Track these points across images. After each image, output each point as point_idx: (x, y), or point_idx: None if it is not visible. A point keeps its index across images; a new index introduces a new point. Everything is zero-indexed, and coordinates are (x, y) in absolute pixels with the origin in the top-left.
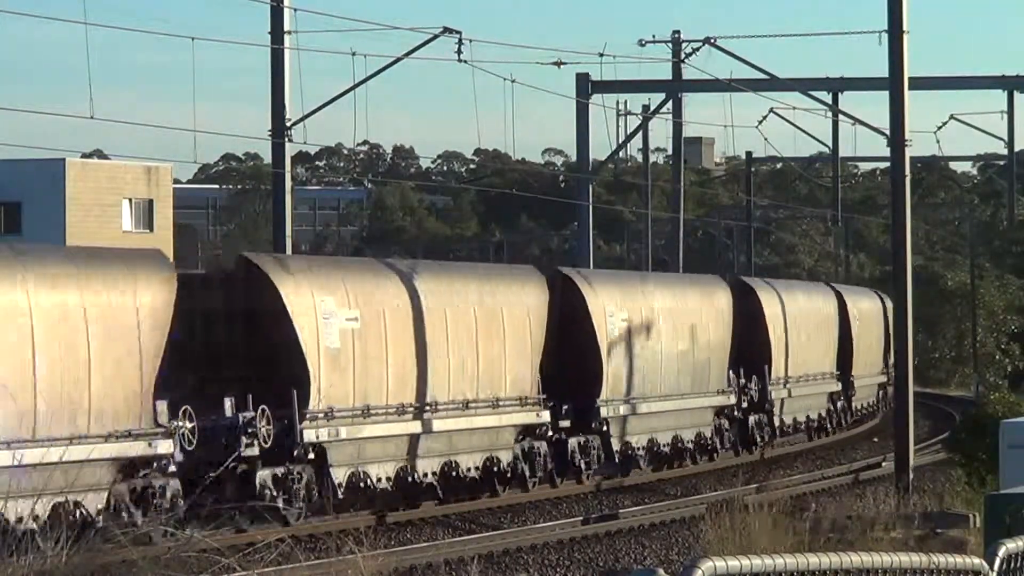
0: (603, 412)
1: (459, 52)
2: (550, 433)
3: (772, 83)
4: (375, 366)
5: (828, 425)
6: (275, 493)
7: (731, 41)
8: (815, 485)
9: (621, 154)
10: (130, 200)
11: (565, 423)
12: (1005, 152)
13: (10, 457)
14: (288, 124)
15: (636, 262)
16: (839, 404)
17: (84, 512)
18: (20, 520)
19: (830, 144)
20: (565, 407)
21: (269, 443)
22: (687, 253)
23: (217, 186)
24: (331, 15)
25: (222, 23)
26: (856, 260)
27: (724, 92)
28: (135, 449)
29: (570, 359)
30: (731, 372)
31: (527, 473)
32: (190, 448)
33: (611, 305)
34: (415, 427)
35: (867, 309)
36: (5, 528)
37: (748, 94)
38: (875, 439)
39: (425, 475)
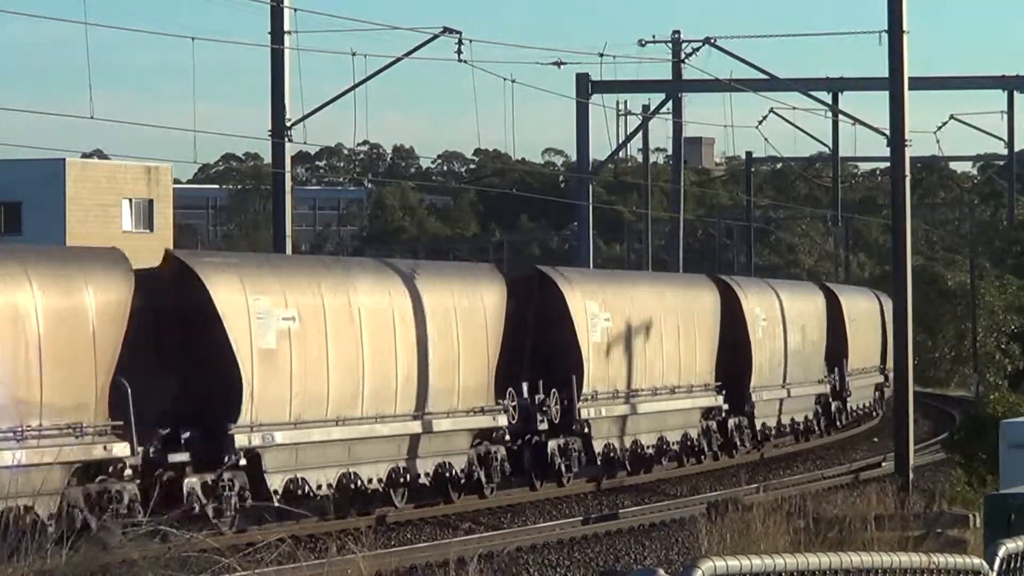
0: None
1: (459, 52)
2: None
3: (772, 83)
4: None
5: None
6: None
7: (731, 41)
8: (815, 485)
9: (621, 154)
10: (130, 200)
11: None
12: (1005, 152)
13: None
14: (288, 124)
15: (636, 262)
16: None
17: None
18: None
19: (830, 144)
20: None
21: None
22: (687, 253)
23: (217, 186)
24: (331, 15)
25: (222, 23)
26: (856, 260)
27: (724, 92)
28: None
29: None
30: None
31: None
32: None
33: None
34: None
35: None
36: None
37: (748, 94)
38: (875, 439)
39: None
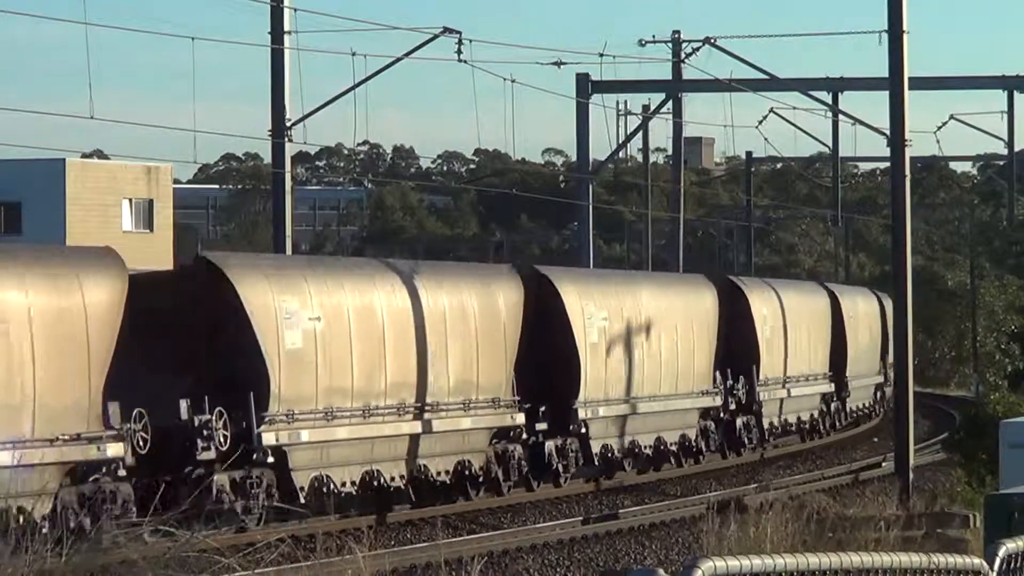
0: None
1: (459, 52)
2: (524, 436)
3: (772, 83)
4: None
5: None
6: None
7: (731, 41)
8: (815, 485)
9: (621, 154)
10: (130, 200)
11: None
12: (1005, 152)
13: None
14: (288, 124)
15: (636, 262)
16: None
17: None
18: None
19: (830, 144)
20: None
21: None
22: (687, 253)
23: (217, 186)
24: (331, 15)
25: (222, 23)
26: (856, 260)
27: (724, 92)
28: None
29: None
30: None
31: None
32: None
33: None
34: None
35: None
36: None
37: (748, 94)
38: (875, 439)
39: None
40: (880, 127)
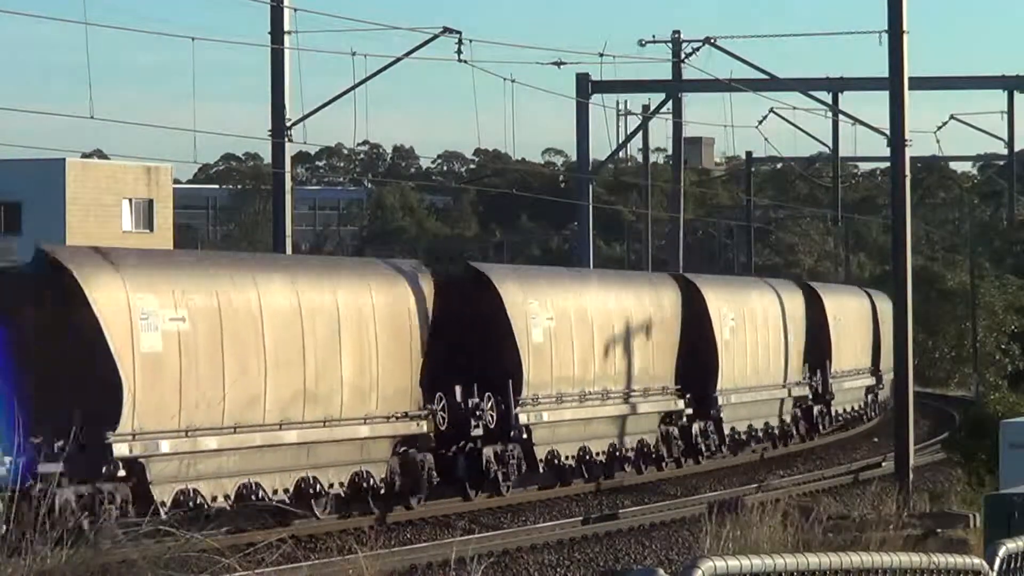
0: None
1: (459, 52)
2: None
3: (772, 83)
4: None
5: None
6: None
7: (731, 41)
8: (815, 485)
9: (621, 154)
10: (130, 200)
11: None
12: (1005, 152)
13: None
14: (288, 124)
15: (636, 262)
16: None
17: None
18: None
19: (830, 144)
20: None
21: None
22: (687, 253)
23: (217, 186)
24: (331, 15)
25: (222, 23)
26: (856, 260)
27: (724, 92)
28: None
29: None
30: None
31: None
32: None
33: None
34: None
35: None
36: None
37: (748, 94)
38: (875, 439)
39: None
40: (880, 127)
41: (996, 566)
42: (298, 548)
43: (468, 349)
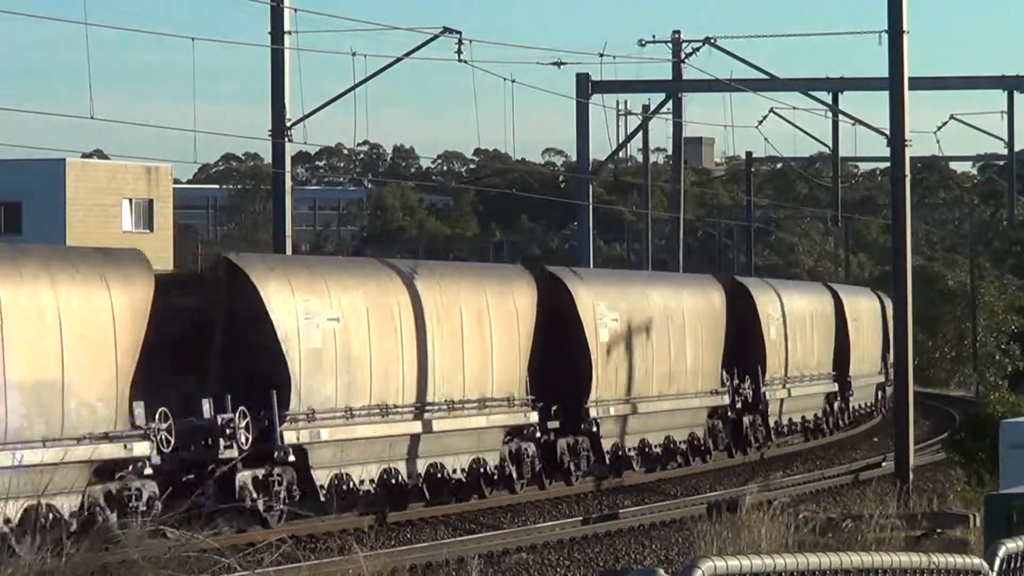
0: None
1: (459, 52)
2: (538, 434)
3: (772, 83)
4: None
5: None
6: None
7: (731, 41)
8: (815, 485)
9: (621, 154)
10: (130, 200)
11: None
12: (1005, 152)
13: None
14: (288, 124)
15: (636, 262)
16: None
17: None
18: None
19: (830, 144)
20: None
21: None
22: (687, 253)
23: (217, 186)
24: (331, 15)
25: (222, 23)
26: (856, 260)
27: (724, 92)
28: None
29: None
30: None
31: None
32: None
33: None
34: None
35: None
36: None
37: (748, 94)
38: (875, 439)
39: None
40: (880, 127)
41: (996, 566)
42: (298, 548)
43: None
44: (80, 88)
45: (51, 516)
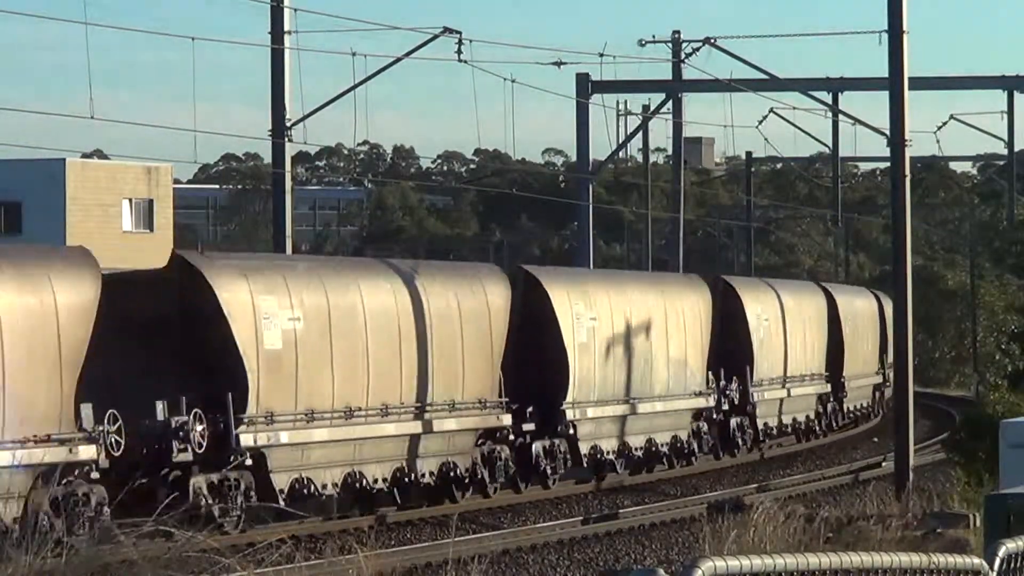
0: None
1: (459, 52)
2: (511, 437)
3: (772, 83)
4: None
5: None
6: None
7: (731, 41)
8: (815, 485)
9: (621, 154)
10: (130, 200)
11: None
12: (1005, 152)
13: None
14: (288, 124)
15: (636, 262)
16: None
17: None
18: None
19: (830, 144)
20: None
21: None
22: (687, 253)
23: (217, 186)
24: (331, 15)
25: (222, 23)
26: (856, 260)
27: (724, 92)
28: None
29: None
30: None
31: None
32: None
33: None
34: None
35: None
36: None
37: (748, 94)
38: (875, 439)
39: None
40: (880, 127)
41: (996, 566)
42: (298, 548)
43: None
44: (80, 88)
45: None
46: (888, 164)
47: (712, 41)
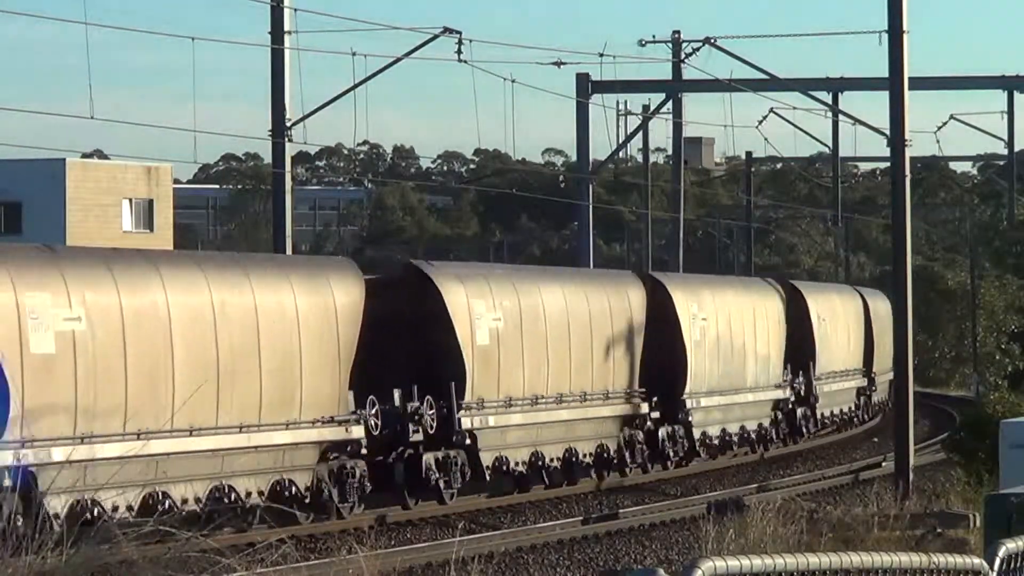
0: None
1: (459, 52)
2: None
3: (772, 83)
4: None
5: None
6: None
7: (731, 41)
8: (815, 485)
9: (621, 154)
10: (130, 200)
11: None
12: (1005, 152)
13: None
14: (288, 124)
15: (636, 262)
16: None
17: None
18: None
19: (830, 144)
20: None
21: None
22: (687, 253)
23: (217, 186)
24: (331, 15)
25: (222, 23)
26: (856, 260)
27: (724, 92)
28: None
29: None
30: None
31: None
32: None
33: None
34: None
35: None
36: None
37: (748, 94)
38: (875, 439)
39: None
40: (880, 127)
41: (996, 566)
42: (298, 548)
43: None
44: (80, 88)
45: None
46: (888, 164)
47: (712, 41)
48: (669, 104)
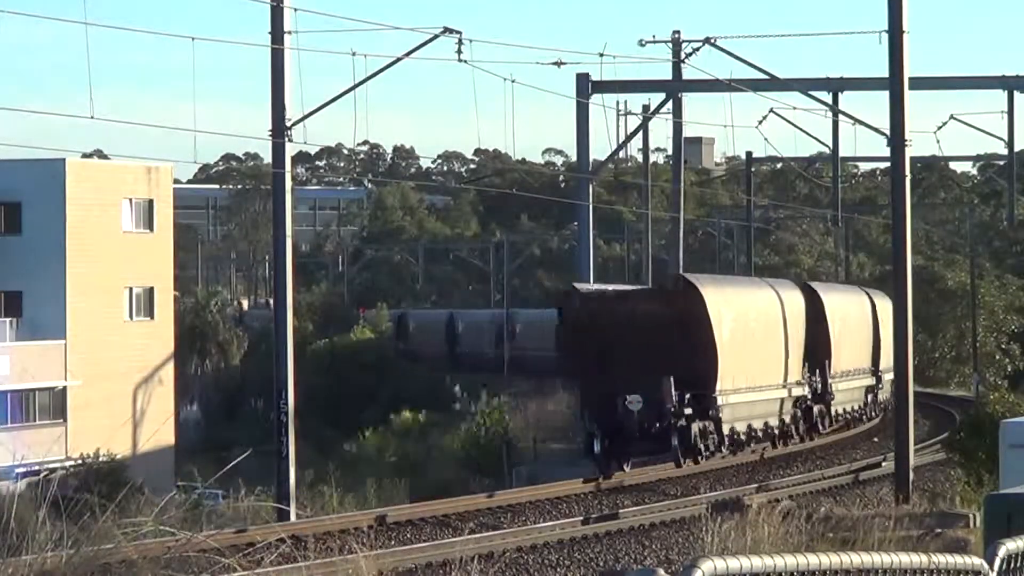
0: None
1: (459, 52)
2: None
3: (772, 83)
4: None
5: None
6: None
7: (731, 41)
8: (815, 485)
9: (621, 154)
10: (130, 200)
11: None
12: (1005, 152)
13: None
14: (288, 124)
15: (636, 262)
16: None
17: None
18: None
19: (830, 144)
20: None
21: None
22: (687, 253)
23: (217, 186)
24: (331, 15)
25: (222, 23)
26: (856, 260)
27: (724, 92)
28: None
29: None
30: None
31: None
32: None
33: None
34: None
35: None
36: None
37: (748, 94)
38: (875, 439)
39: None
40: (880, 127)
41: (996, 566)
42: (298, 548)
43: None
44: (80, 88)
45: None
46: (888, 164)
47: (712, 41)
48: (669, 104)
